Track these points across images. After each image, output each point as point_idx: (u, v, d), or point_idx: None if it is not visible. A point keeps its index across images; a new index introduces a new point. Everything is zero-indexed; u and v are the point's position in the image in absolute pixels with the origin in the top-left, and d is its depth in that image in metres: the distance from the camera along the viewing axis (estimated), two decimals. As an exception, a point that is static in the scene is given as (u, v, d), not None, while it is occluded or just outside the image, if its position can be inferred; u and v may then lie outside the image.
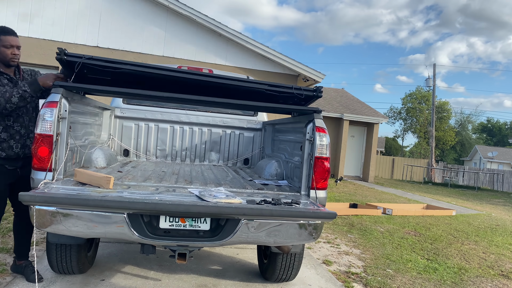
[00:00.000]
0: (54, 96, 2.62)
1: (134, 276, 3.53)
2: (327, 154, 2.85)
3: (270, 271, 3.53)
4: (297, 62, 10.20)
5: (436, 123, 33.82)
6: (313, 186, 2.85)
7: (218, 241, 2.48)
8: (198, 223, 2.52)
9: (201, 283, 3.50)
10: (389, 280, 4.10)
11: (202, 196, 2.47)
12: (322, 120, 2.94)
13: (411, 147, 53.59)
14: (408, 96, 42.27)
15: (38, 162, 2.55)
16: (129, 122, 4.47)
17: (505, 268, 4.98)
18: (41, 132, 2.55)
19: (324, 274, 4.08)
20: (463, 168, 28.07)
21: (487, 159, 42.44)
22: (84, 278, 3.36)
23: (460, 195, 15.77)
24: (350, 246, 5.37)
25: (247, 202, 2.48)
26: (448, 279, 4.33)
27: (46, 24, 8.79)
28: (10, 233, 4.45)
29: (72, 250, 3.13)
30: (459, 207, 10.99)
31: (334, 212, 2.47)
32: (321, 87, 3.42)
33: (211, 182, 3.16)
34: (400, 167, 25.24)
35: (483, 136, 59.78)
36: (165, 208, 2.25)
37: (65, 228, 2.29)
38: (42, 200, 2.17)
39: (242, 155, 4.71)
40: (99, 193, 2.39)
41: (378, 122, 17.28)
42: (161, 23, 9.43)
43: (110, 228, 2.33)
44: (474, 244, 6.16)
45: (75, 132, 2.98)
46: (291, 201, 2.60)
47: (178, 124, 4.58)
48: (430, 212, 8.86)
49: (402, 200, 11.58)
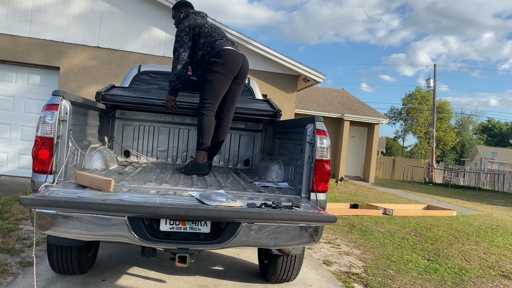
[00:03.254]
0: (54, 99, 2.62)
1: (134, 276, 3.54)
2: (327, 157, 2.85)
3: (271, 272, 3.54)
4: (298, 63, 10.19)
5: (437, 123, 33.79)
6: (314, 189, 2.85)
7: (219, 244, 2.48)
8: (199, 226, 2.52)
9: (202, 283, 3.51)
10: (389, 280, 4.10)
11: (202, 199, 2.47)
12: (322, 123, 2.94)
13: (411, 148, 53.59)
14: (408, 97, 42.22)
15: (39, 164, 2.55)
16: (130, 123, 4.47)
17: (505, 269, 4.98)
18: (41, 134, 2.55)
19: (324, 274, 4.09)
20: (463, 169, 28.06)
21: (488, 159, 42.41)
22: (85, 278, 3.37)
23: (461, 195, 15.77)
24: (350, 247, 5.38)
25: (247, 205, 2.48)
26: (449, 279, 4.34)
27: (47, 24, 8.79)
28: (10, 233, 4.46)
29: (72, 251, 3.14)
30: (460, 208, 10.99)
31: (334, 216, 2.47)
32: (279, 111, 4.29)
33: (212, 184, 3.16)
34: (400, 168, 25.23)
35: (483, 137, 59.72)
36: (166, 212, 2.25)
37: (65, 231, 2.30)
38: (43, 203, 2.17)
39: (243, 156, 4.71)
40: (100, 196, 2.39)
41: (378, 122, 17.27)
42: (162, 24, 9.42)
43: (111, 231, 2.33)
44: (474, 244, 6.17)
45: (76, 134, 2.99)
46: (291, 204, 2.60)
47: (179, 125, 4.58)
48: (431, 213, 8.86)
49: (403, 200, 11.58)
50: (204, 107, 3.72)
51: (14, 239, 4.29)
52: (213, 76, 3.68)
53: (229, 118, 3.96)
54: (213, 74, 3.68)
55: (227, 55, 3.71)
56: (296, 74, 10.39)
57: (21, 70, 8.74)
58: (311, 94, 19.24)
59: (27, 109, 8.65)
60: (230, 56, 3.72)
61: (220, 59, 3.68)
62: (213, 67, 3.68)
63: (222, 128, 3.92)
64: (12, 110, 8.62)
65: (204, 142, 3.71)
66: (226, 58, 3.69)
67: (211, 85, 3.69)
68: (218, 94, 3.74)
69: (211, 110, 3.73)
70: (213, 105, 3.73)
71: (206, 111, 3.71)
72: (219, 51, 3.70)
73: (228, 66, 3.70)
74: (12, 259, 3.70)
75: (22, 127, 8.61)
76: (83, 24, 9.05)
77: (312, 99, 18.69)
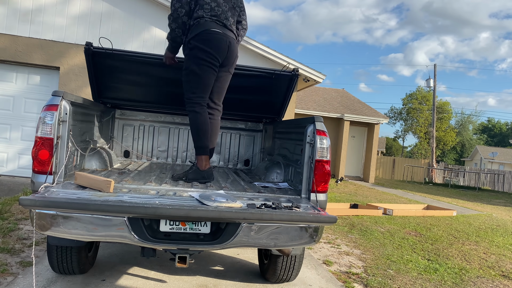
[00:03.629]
0: (54, 99, 2.62)
1: (134, 276, 3.54)
2: (327, 157, 2.85)
3: (271, 272, 3.54)
4: (298, 63, 10.19)
5: (437, 123, 33.78)
6: (314, 189, 2.84)
7: (219, 245, 2.48)
8: (199, 226, 2.52)
9: (202, 283, 3.51)
10: (389, 280, 4.10)
11: (202, 200, 2.47)
12: (322, 123, 2.93)
13: (411, 148, 53.57)
14: (408, 97, 42.22)
15: (39, 165, 2.54)
16: (130, 123, 4.47)
17: (505, 269, 4.98)
18: (41, 135, 2.55)
19: (324, 274, 4.09)
20: (463, 169, 28.06)
21: (488, 159, 42.39)
22: (85, 278, 3.37)
23: (461, 195, 15.77)
24: (350, 247, 5.38)
25: (247, 206, 2.48)
26: (449, 279, 4.34)
27: (47, 24, 8.79)
28: (11, 233, 4.46)
29: (72, 251, 3.14)
30: (460, 208, 10.99)
31: (334, 216, 2.47)
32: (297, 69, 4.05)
33: (212, 185, 3.16)
34: (400, 168, 25.23)
35: (483, 137, 59.71)
36: (165, 213, 2.25)
37: (65, 232, 2.30)
38: (43, 204, 2.17)
39: (243, 156, 4.71)
40: (100, 197, 2.39)
41: (378, 122, 17.27)
42: (162, 24, 9.41)
43: (111, 231, 2.33)
44: (474, 244, 6.17)
45: (75, 135, 2.99)
46: (291, 205, 2.60)
47: (178, 125, 4.58)
48: (431, 213, 8.86)
49: (403, 200, 11.58)
50: (194, 102, 3.23)
51: (14, 239, 4.29)
52: (199, 65, 3.19)
53: (219, 112, 3.47)
54: (198, 63, 3.19)
55: (210, 40, 3.17)
56: (296, 74, 10.38)
57: (21, 70, 8.74)
58: (311, 94, 19.24)
59: (27, 109, 8.65)
60: (213, 41, 3.18)
61: (202, 44, 3.16)
62: (195, 52, 3.19)
63: (213, 124, 3.41)
64: (12, 110, 8.62)
65: (204, 144, 3.26)
66: (209, 43, 3.17)
67: (197, 76, 3.21)
68: (207, 85, 3.26)
69: (203, 105, 3.25)
70: (204, 99, 3.27)
71: (198, 108, 3.23)
72: (202, 32, 3.17)
73: (212, 53, 3.18)
74: (12, 259, 3.70)
75: (22, 127, 8.60)
76: (83, 24, 9.05)
77: (312, 99, 18.69)
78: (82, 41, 9.01)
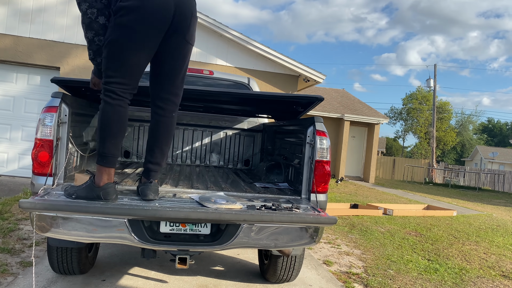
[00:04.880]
0: (53, 101, 2.62)
1: (135, 277, 3.54)
2: (327, 158, 2.85)
3: (271, 272, 3.54)
4: (298, 63, 10.19)
5: (437, 123, 33.75)
6: (314, 190, 2.85)
7: (219, 246, 2.48)
8: (199, 228, 2.53)
9: (202, 283, 3.51)
10: (389, 280, 4.11)
11: (202, 202, 2.48)
12: (322, 124, 2.93)
13: (412, 148, 53.55)
14: (409, 97, 42.21)
15: (39, 167, 2.54)
16: (130, 123, 4.47)
17: (506, 269, 4.98)
18: (41, 137, 2.55)
19: (324, 274, 4.09)
20: (464, 169, 28.06)
21: (488, 159, 42.38)
22: (85, 278, 3.37)
23: (461, 195, 15.76)
24: (350, 247, 5.38)
25: (247, 207, 2.49)
26: (449, 279, 4.34)
27: (47, 24, 8.80)
28: (11, 233, 4.46)
29: (73, 251, 3.14)
30: (460, 208, 10.98)
31: (334, 217, 2.47)
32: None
33: (212, 185, 3.17)
34: (401, 168, 25.23)
35: (484, 137, 59.65)
36: (165, 215, 2.26)
37: (65, 233, 2.30)
38: (42, 207, 2.17)
39: (243, 156, 4.72)
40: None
41: (378, 122, 17.27)
42: (162, 24, 9.44)
43: (111, 232, 2.33)
44: (475, 244, 6.17)
45: (75, 136, 2.99)
46: (291, 206, 2.60)
47: (178, 125, 4.58)
48: (431, 213, 8.86)
49: (403, 200, 11.58)
50: (109, 89, 2.27)
51: (14, 239, 4.29)
52: (118, 32, 2.20)
53: (172, 105, 2.52)
54: (123, 30, 2.20)
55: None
56: (296, 74, 10.39)
57: (21, 70, 8.75)
58: (311, 94, 19.22)
59: (28, 109, 8.65)
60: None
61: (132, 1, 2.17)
62: (121, 16, 2.19)
63: (163, 124, 2.53)
64: (13, 110, 8.63)
65: (109, 150, 2.31)
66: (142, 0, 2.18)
67: (114, 50, 2.23)
68: (134, 66, 2.27)
69: (121, 95, 2.29)
70: (125, 86, 2.29)
71: (112, 97, 2.27)
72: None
73: (147, 13, 2.18)
74: (13, 259, 3.71)
75: (22, 127, 8.61)
76: (83, 24, 9.05)
77: (312, 99, 18.65)
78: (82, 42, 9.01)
